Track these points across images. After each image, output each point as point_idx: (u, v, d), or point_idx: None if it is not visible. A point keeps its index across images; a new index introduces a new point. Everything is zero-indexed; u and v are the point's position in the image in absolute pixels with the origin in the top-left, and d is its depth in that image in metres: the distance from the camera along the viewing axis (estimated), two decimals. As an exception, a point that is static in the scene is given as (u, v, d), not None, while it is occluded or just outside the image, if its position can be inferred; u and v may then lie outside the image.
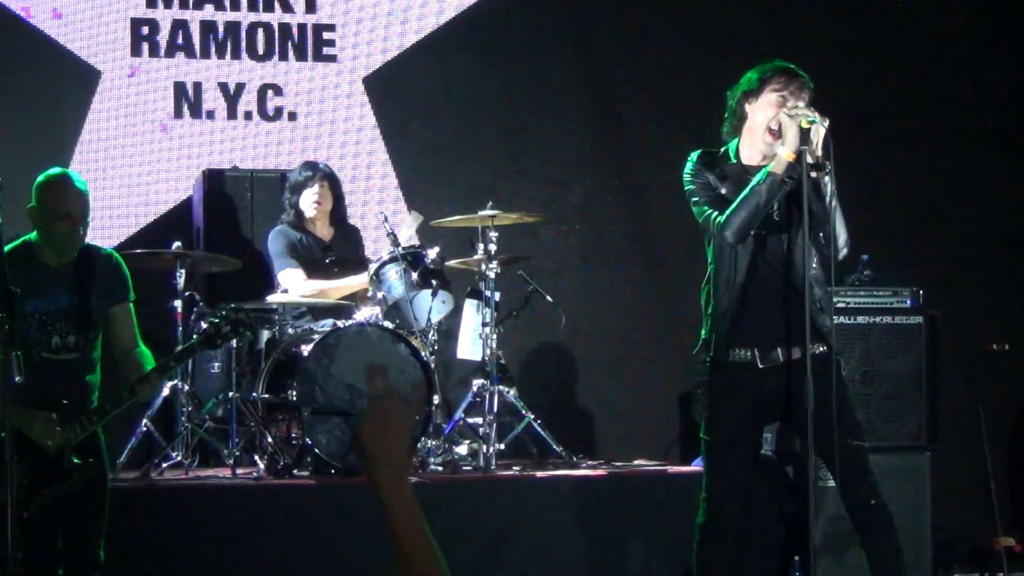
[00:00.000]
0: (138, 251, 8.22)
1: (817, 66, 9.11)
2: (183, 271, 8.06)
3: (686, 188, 6.16)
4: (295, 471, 7.69)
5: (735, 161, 6.13)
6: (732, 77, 6.35)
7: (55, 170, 6.49)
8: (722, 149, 6.17)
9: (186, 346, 6.55)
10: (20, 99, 9.19)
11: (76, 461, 6.17)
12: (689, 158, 6.19)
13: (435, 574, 3.47)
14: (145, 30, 9.41)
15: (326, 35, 9.70)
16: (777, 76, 6.07)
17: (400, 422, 3.31)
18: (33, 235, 6.43)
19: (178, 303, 8.01)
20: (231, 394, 7.92)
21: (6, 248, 6.37)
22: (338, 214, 8.66)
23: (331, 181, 8.59)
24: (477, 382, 8.33)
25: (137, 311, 8.19)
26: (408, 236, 8.80)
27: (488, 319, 8.24)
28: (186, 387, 7.99)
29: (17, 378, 5.96)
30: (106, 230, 9.21)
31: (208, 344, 6.43)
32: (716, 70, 6.31)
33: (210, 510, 7.26)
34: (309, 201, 8.50)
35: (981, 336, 9.19)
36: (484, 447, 8.01)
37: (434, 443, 8.05)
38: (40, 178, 6.49)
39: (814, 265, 6.03)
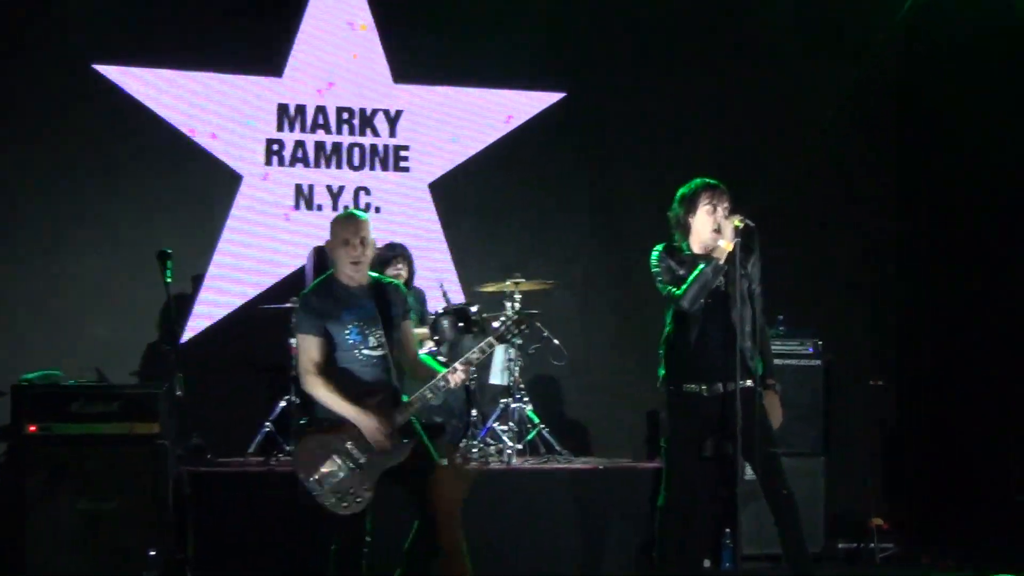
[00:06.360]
0: (267, 306, 8.45)
1: (748, 180, 9.35)
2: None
3: (653, 270, 6.35)
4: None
5: (688, 252, 6.29)
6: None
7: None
8: (677, 243, 6.33)
9: (486, 341, 6.00)
10: (184, 195, 9.42)
11: (404, 441, 5.87)
12: (655, 249, 6.35)
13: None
14: (275, 147, 9.60)
15: (402, 153, 9.88)
16: (704, 192, 6.30)
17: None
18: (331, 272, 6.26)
19: (293, 340, 8.16)
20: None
21: (315, 282, 6.22)
22: (411, 281, 8.82)
23: (408, 258, 8.76)
24: (503, 400, 8.50)
25: (265, 346, 8.30)
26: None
27: (513, 356, 8.38)
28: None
29: (179, 392, 5.96)
30: (243, 287, 9.38)
31: (501, 340, 6.10)
32: (681, 181, 6.51)
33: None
34: (393, 272, 8.67)
35: (862, 375, 9.37)
36: (508, 447, 8.14)
37: (472, 443, 8.18)
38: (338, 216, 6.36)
39: (747, 327, 6.17)
